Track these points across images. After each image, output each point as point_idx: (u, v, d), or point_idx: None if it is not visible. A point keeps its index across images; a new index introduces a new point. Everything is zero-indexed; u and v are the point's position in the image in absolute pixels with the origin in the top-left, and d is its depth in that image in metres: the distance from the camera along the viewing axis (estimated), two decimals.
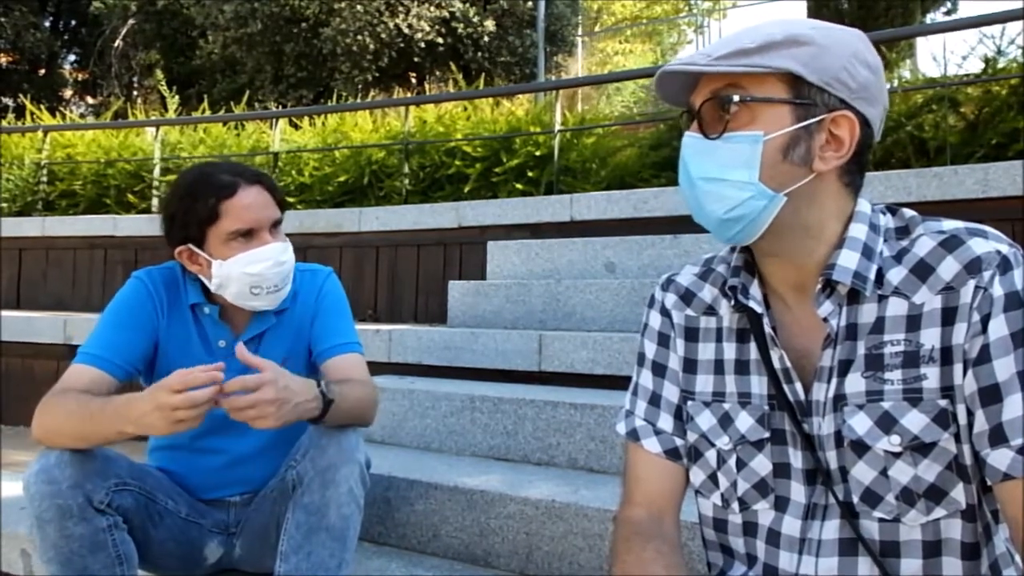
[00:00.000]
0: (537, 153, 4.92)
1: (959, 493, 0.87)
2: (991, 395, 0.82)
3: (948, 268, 0.86)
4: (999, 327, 0.82)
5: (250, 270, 1.59)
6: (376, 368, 2.94)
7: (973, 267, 0.84)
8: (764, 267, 0.98)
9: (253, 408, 1.31)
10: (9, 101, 13.93)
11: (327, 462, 1.50)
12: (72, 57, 16.66)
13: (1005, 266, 0.84)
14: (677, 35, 22.86)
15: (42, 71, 15.57)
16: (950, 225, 0.90)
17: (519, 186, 4.83)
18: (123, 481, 1.48)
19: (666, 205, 3.52)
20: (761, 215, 0.89)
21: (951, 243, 0.87)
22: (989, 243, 0.86)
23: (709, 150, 0.90)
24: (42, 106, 7.69)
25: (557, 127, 4.82)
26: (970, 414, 0.84)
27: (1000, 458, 0.82)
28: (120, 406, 1.36)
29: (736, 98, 0.88)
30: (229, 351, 1.70)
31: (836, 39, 0.89)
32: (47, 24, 15.54)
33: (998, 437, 0.82)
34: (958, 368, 0.85)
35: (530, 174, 4.87)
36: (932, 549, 0.88)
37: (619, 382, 2.50)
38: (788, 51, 0.87)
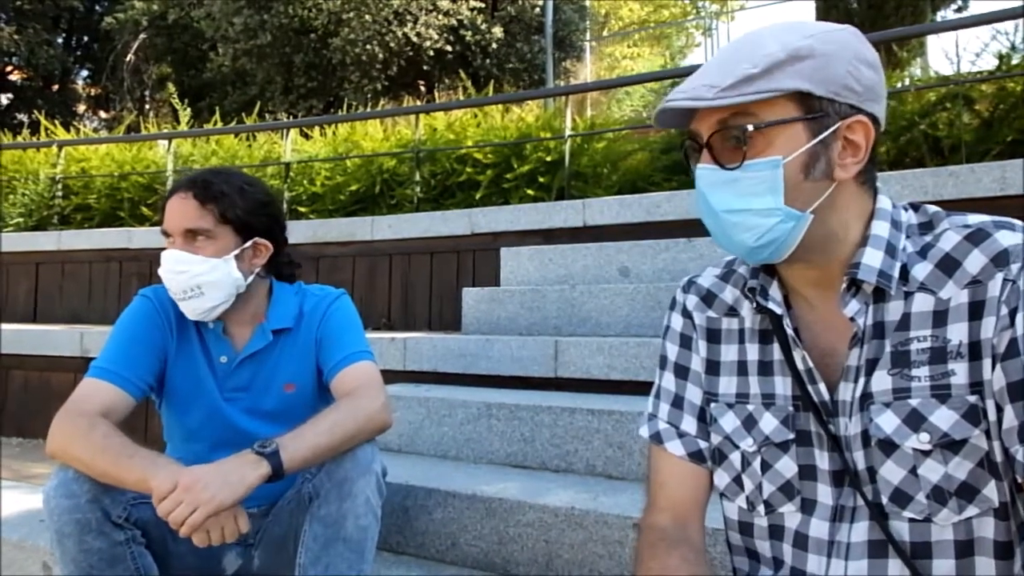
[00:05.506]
0: (548, 159, 4.91)
1: (991, 491, 0.85)
2: (1020, 390, 0.81)
3: (974, 261, 0.84)
4: None
5: (160, 272, 1.63)
6: (391, 376, 2.94)
7: (1000, 260, 0.83)
8: (784, 269, 0.97)
9: (178, 523, 1.29)
10: (24, 117, 14.09)
11: (343, 475, 1.50)
12: (85, 72, 16.88)
13: None
14: (685, 38, 22.89)
15: (56, 87, 15.77)
16: (975, 219, 0.88)
17: (530, 192, 4.82)
18: (142, 495, 1.48)
19: (679, 208, 3.50)
20: (790, 236, 0.88)
21: (977, 236, 0.86)
22: (1016, 235, 0.84)
23: (728, 181, 0.88)
24: (56, 121, 7.76)
25: (567, 132, 4.82)
26: (999, 410, 0.83)
27: None
28: (147, 473, 1.36)
29: (751, 128, 0.86)
30: (230, 367, 1.71)
31: (835, 44, 0.87)
32: (60, 41, 15.73)
33: None
34: (987, 363, 0.83)
35: (541, 180, 4.86)
36: (964, 549, 0.86)
37: (636, 387, 2.48)
38: (792, 68, 0.85)
